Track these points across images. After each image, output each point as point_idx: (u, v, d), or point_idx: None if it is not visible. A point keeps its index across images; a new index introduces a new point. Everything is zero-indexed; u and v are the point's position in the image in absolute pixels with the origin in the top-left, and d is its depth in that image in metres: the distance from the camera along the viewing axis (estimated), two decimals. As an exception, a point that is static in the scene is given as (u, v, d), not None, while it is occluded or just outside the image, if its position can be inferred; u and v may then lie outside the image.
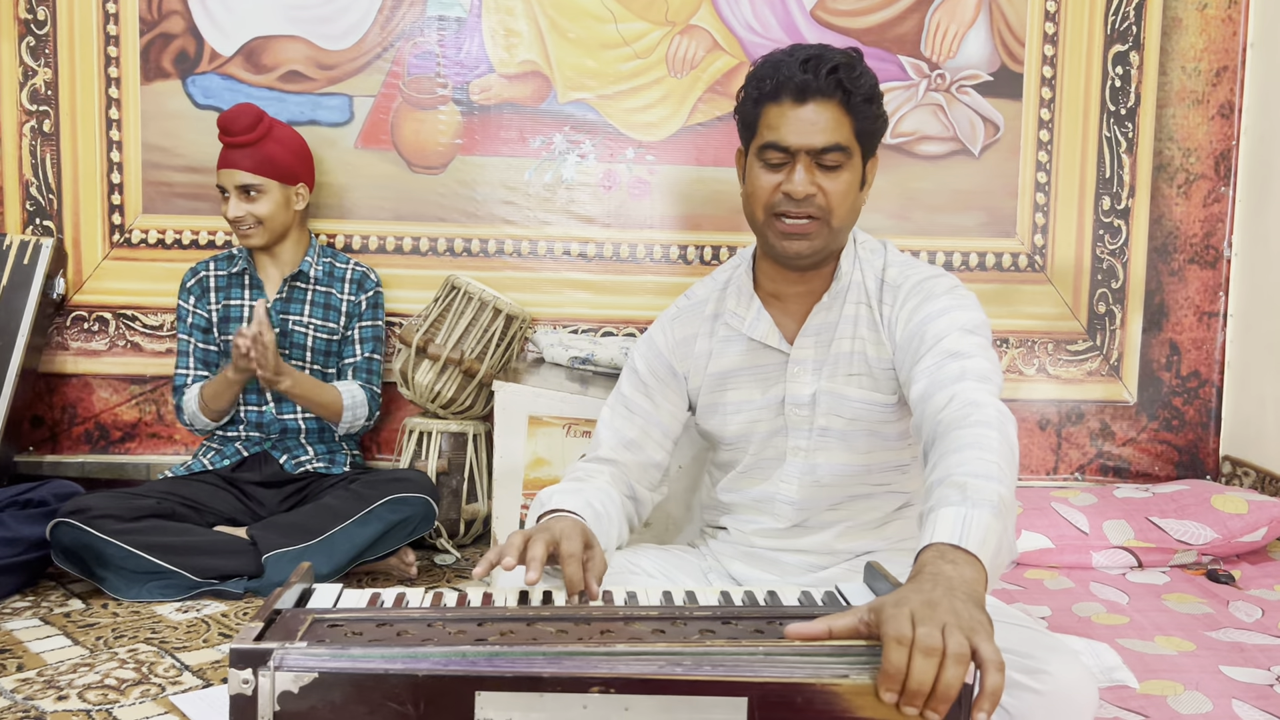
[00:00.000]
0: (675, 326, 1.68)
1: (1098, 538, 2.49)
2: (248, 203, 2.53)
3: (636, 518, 1.66)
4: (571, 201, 2.97)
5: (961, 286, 1.54)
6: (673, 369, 1.66)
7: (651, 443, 1.65)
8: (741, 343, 1.61)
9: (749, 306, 1.61)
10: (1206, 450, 3.04)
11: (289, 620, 1.07)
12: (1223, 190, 2.99)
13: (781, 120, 1.47)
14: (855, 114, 1.47)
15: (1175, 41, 2.95)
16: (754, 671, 0.96)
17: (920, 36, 2.93)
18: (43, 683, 1.81)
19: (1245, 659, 1.91)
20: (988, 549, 1.06)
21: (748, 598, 1.24)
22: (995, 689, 0.91)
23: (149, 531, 2.27)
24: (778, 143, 1.48)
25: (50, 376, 2.94)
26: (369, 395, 2.64)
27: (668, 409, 1.66)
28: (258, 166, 2.53)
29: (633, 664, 0.96)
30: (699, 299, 1.68)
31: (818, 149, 1.46)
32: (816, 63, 1.45)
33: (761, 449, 1.61)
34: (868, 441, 1.55)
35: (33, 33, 2.88)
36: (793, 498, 1.58)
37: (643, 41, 2.93)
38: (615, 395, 1.70)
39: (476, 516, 2.77)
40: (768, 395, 1.59)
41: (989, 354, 1.41)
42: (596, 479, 1.59)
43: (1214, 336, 3.02)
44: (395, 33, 2.91)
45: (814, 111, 1.46)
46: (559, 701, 0.95)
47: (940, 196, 2.97)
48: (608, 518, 1.51)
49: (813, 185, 1.47)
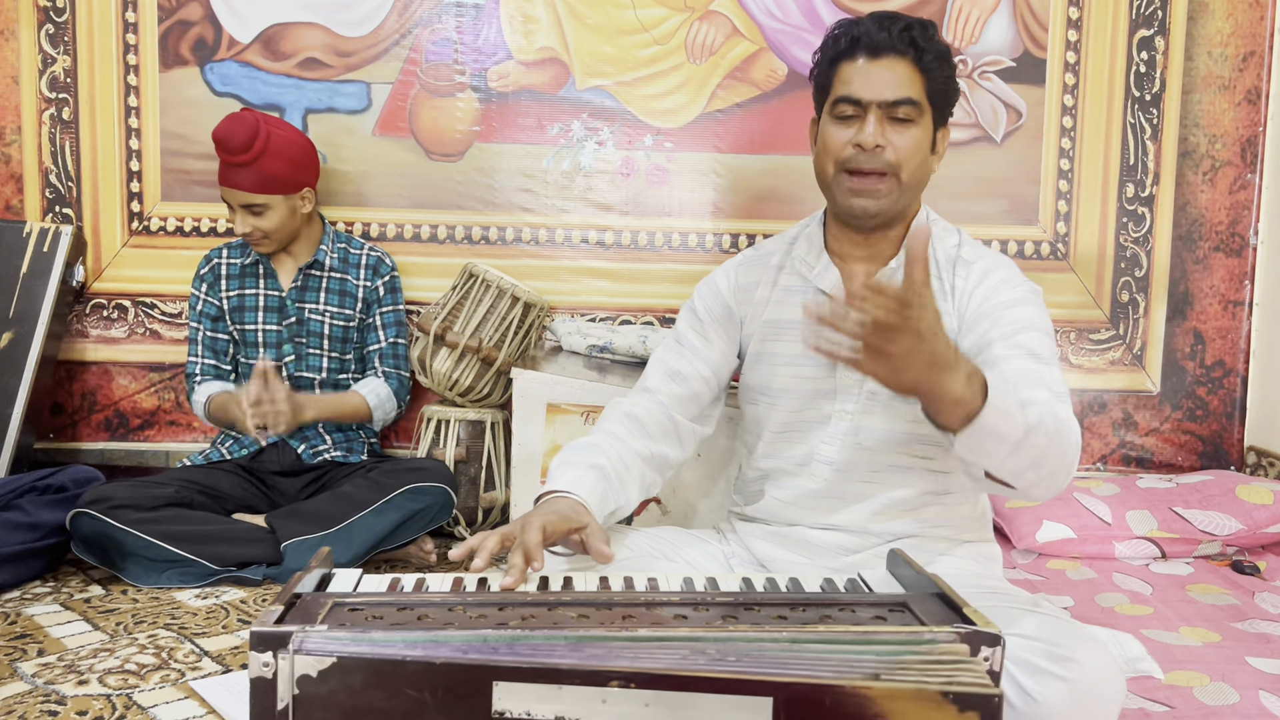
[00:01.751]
0: (740, 272, 1.71)
1: (1120, 528, 2.47)
2: (253, 218, 2.50)
3: (679, 450, 1.68)
4: (589, 189, 2.95)
5: (1030, 281, 1.57)
6: (730, 310, 1.69)
7: (698, 377, 1.67)
8: (805, 295, 1.62)
9: (819, 258, 1.63)
10: (1231, 440, 3.00)
11: (309, 604, 1.07)
12: (1249, 177, 2.95)
13: (854, 74, 1.51)
14: (927, 72, 1.51)
15: (1201, 26, 2.91)
16: (779, 662, 0.94)
17: (942, 22, 2.90)
18: (63, 667, 1.81)
19: (1272, 650, 1.88)
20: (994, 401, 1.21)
21: (770, 584, 1.23)
22: None
23: (168, 520, 2.28)
24: (850, 95, 1.51)
25: (70, 364, 2.95)
26: (395, 385, 2.64)
27: (720, 347, 1.69)
28: (259, 185, 2.46)
29: (655, 651, 0.95)
30: (766, 250, 1.72)
31: (889, 102, 1.49)
32: (891, 21, 1.50)
33: (802, 407, 1.61)
34: (914, 410, 1.54)
35: (52, 20, 2.88)
36: (833, 458, 1.58)
37: (661, 27, 2.91)
38: (669, 335, 1.74)
39: (495, 504, 2.76)
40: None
41: (1058, 365, 1.45)
42: (615, 425, 1.62)
43: (1239, 325, 2.98)
44: (413, 19, 2.90)
45: (887, 66, 1.50)
46: (577, 694, 0.94)
47: (962, 183, 2.94)
48: (622, 468, 1.54)
49: (883, 138, 1.50)
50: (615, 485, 1.51)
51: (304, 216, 2.60)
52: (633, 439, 1.60)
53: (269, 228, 2.51)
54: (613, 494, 1.50)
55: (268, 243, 2.54)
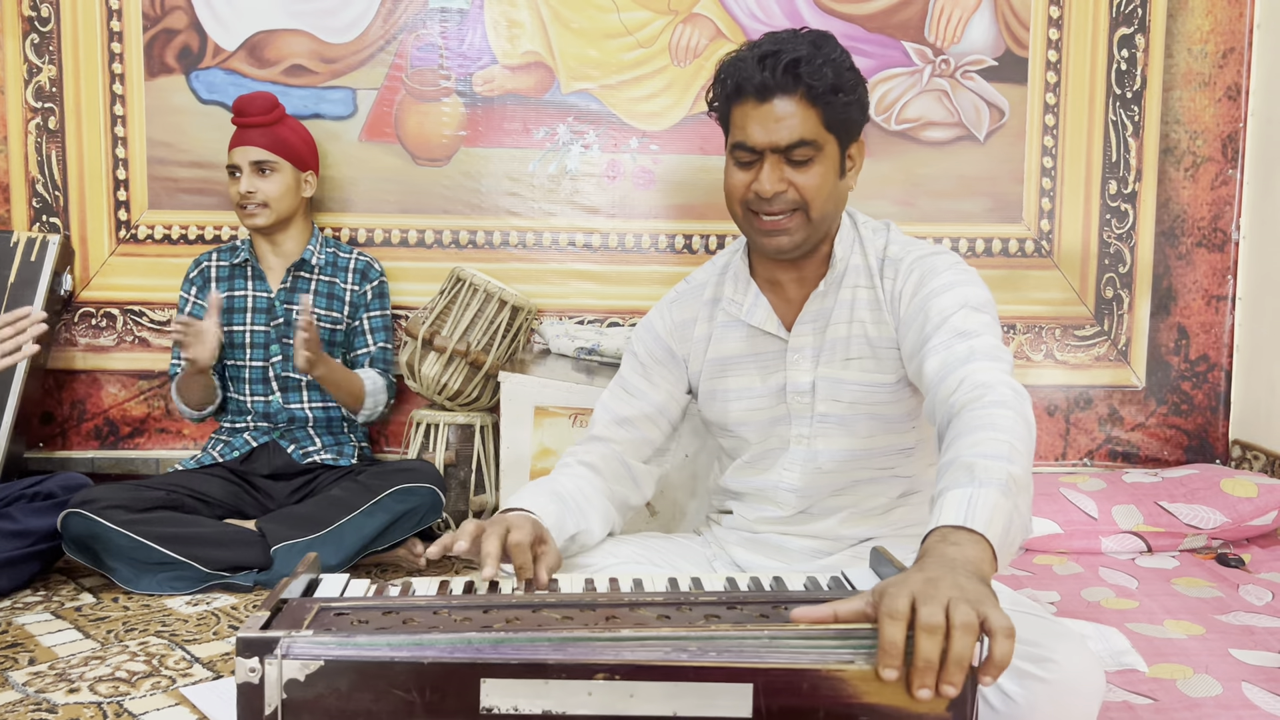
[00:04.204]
0: (674, 310, 1.69)
1: (1107, 523, 2.49)
2: (260, 178, 2.56)
3: (636, 493, 1.67)
4: (576, 192, 2.96)
5: (963, 263, 1.53)
6: (671, 351, 1.67)
7: (646, 421, 1.66)
8: (741, 329, 1.61)
9: (746, 292, 1.61)
10: (1216, 434, 3.03)
11: (295, 609, 1.08)
12: (1230, 173, 2.97)
13: (746, 120, 1.47)
14: (824, 105, 1.45)
15: (1181, 23, 2.93)
16: (759, 657, 0.95)
17: (924, 22, 2.92)
18: (54, 675, 1.82)
19: (1255, 642, 1.90)
20: (995, 527, 1.05)
21: (753, 584, 1.24)
22: (1004, 655, 0.89)
23: (158, 522, 2.29)
24: (744, 142, 1.47)
25: (59, 373, 2.95)
26: (387, 382, 2.66)
27: (665, 389, 1.67)
28: (272, 145, 2.57)
29: (638, 650, 0.96)
30: (698, 283, 1.69)
31: (783, 146, 1.45)
32: (774, 60, 1.44)
33: (764, 437, 1.61)
34: (868, 425, 1.55)
35: (37, 30, 2.88)
36: (795, 485, 1.59)
37: (645, 30, 2.92)
38: (614, 380, 1.72)
39: (484, 508, 2.77)
40: (768, 383, 1.59)
41: (995, 331, 1.40)
42: (574, 467, 1.61)
43: (1223, 320, 3.01)
44: (398, 25, 2.91)
45: (777, 109, 1.45)
46: (564, 688, 0.95)
47: (946, 182, 2.96)
48: (579, 498, 1.53)
49: (782, 182, 1.46)
50: (574, 511, 1.50)
51: (302, 204, 2.64)
52: (590, 480, 1.60)
53: (272, 193, 2.56)
54: (571, 518, 1.49)
55: (265, 212, 2.56)
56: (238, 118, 2.59)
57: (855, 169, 1.56)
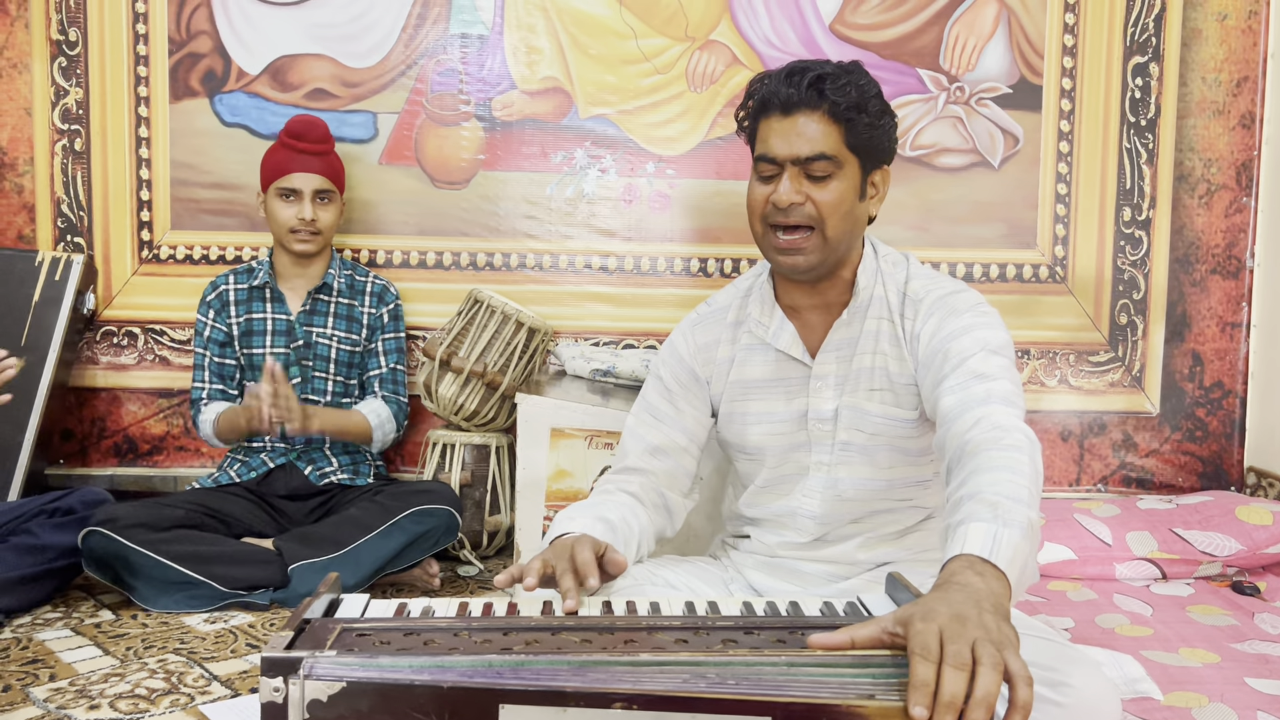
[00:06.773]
0: (696, 332, 1.69)
1: (1121, 549, 2.48)
2: (319, 207, 2.61)
3: (670, 526, 1.67)
4: (593, 215, 2.99)
5: (985, 303, 1.54)
6: (695, 374, 1.67)
7: (678, 449, 1.66)
8: (765, 353, 1.62)
9: (772, 316, 1.62)
10: (1230, 461, 3.02)
11: (318, 629, 1.09)
12: (1245, 201, 2.98)
13: (770, 132, 1.50)
14: (847, 123, 1.48)
15: (1195, 52, 2.95)
16: (777, 684, 0.96)
17: (939, 49, 2.94)
18: (75, 692, 1.84)
19: (1271, 671, 1.89)
20: (1014, 568, 1.07)
21: (770, 608, 1.25)
22: (1025, 703, 0.90)
23: (178, 541, 2.30)
24: (766, 154, 1.50)
25: (80, 390, 2.99)
26: (395, 409, 2.68)
27: (692, 414, 1.67)
28: (329, 173, 2.64)
29: (656, 675, 0.97)
30: (720, 305, 1.70)
31: (803, 158, 1.48)
32: (800, 75, 1.48)
33: (781, 462, 1.62)
34: (889, 456, 1.56)
35: (64, 54, 2.93)
36: (815, 512, 1.59)
37: (663, 57, 2.96)
38: (640, 404, 1.71)
39: (499, 528, 2.79)
40: (790, 408, 1.60)
41: (1013, 376, 1.41)
42: (617, 495, 1.60)
43: (1237, 347, 3.01)
44: (418, 50, 2.95)
45: (799, 123, 1.48)
46: (582, 716, 0.96)
47: (960, 208, 2.98)
48: (626, 527, 1.52)
49: (799, 194, 1.48)
50: (622, 541, 1.50)
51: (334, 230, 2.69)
52: (635, 511, 1.59)
53: (328, 222, 2.63)
54: (620, 546, 1.48)
55: (317, 240, 2.62)
56: (294, 141, 2.60)
57: (878, 197, 1.58)
